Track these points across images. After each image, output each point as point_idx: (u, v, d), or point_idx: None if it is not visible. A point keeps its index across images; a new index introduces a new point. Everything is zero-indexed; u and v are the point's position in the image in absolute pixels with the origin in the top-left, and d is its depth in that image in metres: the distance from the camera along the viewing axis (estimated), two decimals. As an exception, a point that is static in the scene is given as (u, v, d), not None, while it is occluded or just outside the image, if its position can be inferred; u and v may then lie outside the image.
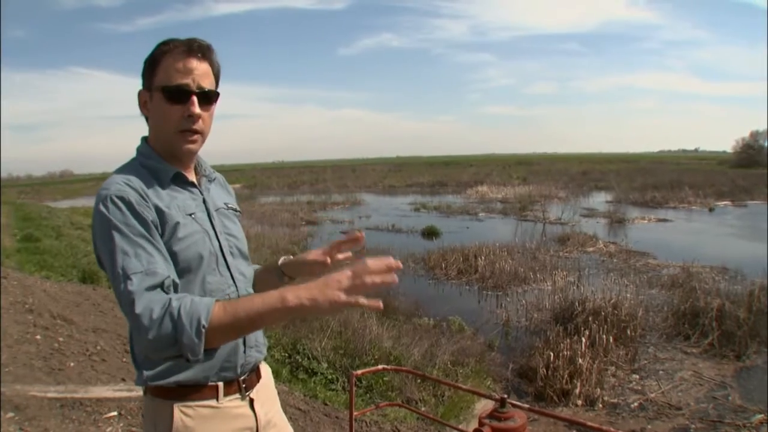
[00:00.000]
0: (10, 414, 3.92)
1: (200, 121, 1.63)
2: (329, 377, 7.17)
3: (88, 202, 47.73)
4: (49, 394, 4.40)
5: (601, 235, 20.68)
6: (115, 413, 4.30)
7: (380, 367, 3.42)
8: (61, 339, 6.11)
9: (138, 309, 1.33)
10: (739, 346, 8.90)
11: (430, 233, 22.48)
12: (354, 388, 2.95)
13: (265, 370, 1.90)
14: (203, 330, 1.32)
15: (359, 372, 2.93)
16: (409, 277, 14.84)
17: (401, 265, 1.37)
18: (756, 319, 9.43)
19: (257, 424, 1.74)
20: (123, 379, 5.21)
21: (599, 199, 35.00)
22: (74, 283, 10.95)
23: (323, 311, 1.34)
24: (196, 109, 1.60)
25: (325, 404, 6.08)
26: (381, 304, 1.35)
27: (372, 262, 1.34)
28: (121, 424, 4.17)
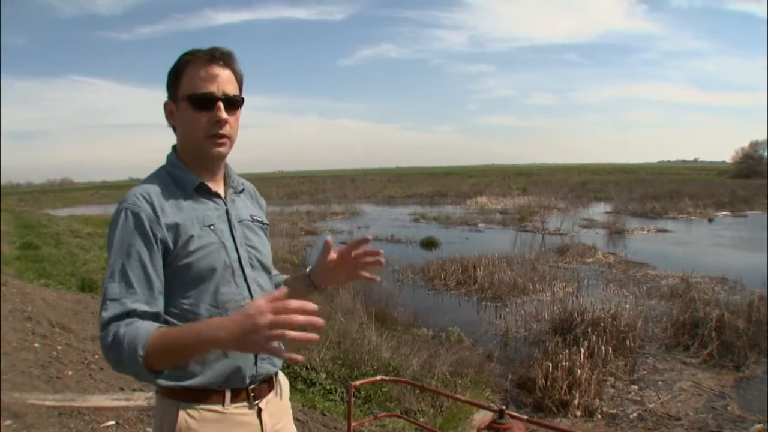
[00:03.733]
0: (9, 421, 3.92)
1: (227, 125, 1.67)
2: (328, 388, 7.15)
3: (88, 210, 47.79)
4: (48, 403, 4.39)
5: (600, 246, 20.66)
6: (113, 422, 4.30)
7: (379, 377, 3.41)
8: (59, 347, 6.11)
9: (100, 333, 1.45)
10: (739, 357, 8.89)
11: (429, 244, 22.48)
12: (352, 399, 2.95)
13: (281, 381, 1.91)
14: (140, 359, 1.37)
15: (358, 383, 2.93)
16: (408, 287, 14.85)
17: (316, 307, 1.30)
18: (755, 330, 9.42)
19: None
20: (121, 389, 5.20)
21: (598, 210, 34.98)
22: (73, 291, 10.96)
23: (244, 351, 1.42)
24: (223, 114, 1.64)
25: (324, 415, 6.07)
26: (315, 337, 1.31)
27: (294, 302, 1.29)
28: (119, 434, 4.16)
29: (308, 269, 1.96)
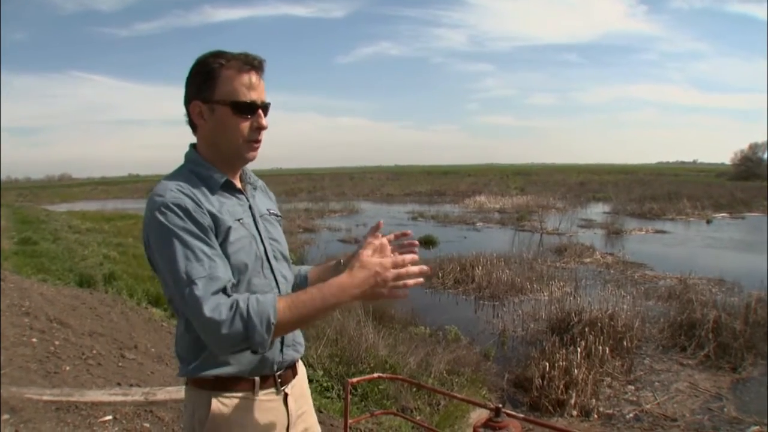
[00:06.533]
0: (6, 416, 3.92)
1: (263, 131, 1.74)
2: (324, 385, 7.15)
3: (86, 206, 47.77)
4: (45, 397, 4.39)
5: (598, 246, 20.69)
6: (110, 417, 4.30)
7: (376, 375, 3.42)
8: (57, 342, 6.10)
9: (207, 312, 1.44)
10: (735, 358, 8.92)
11: (427, 242, 22.42)
12: (349, 396, 2.95)
13: (301, 368, 2.00)
14: (272, 327, 1.46)
15: (355, 380, 2.94)
16: (406, 285, 14.82)
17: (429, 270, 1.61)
18: (752, 331, 9.46)
19: (288, 419, 1.83)
20: (118, 384, 5.20)
21: (597, 210, 35.02)
22: (71, 286, 10.95)
23: (368, 302, 1.56)
24: (265, 122, 1.72)
25: (320, 412, 6.07)
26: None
27: (408, 257, 1.59)
28: (116, 429, 4.16)
29: (342, 259, 1.99)
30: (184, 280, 1.48)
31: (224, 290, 1.49)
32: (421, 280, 1.59)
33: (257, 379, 1.73)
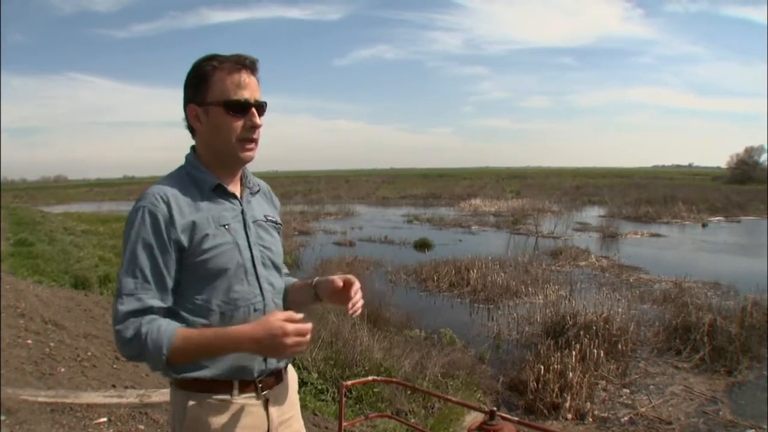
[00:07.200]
0: (2, 417, 3.91)
1: (258, 130, 1.75)
2: (319, 387, 7.15)
3: (82, 207, 47.68)
4: (40, 399, 4.39)
5: (593, 250, 20.74)
6: (105, 419, 4.29)
7: (370, 378, 3.42)
8: (52, 344, 6.09)
9: (116, 326, 1.55)
10: (731, 362, 8.94)
11: (422, 245, 22.48)
12: (344, 399, 2.96)
13: (289, 374, 1.97)
14: (163, 358, 1.53)
15: (349, 383, 2.94)
16: (401, 289, 14.86)
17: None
18: (748, 335, 9.49)
19: (269, 425, 1.81)
20: (113, 386, 5.19)
21: (592, 214, 35.10)
22: (66, 288, 10.92)
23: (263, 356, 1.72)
24: (258, 120, 1.73)
25: (315, 415, 6.07)
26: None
27: (308, 326, 1.57)
28: (111, 430, 4.16)
29: (314, 281, 2.01)
30: (118, 288, 1.58)
31: (144, 311, 1.56)
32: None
33: (236, 382, 1.73)
